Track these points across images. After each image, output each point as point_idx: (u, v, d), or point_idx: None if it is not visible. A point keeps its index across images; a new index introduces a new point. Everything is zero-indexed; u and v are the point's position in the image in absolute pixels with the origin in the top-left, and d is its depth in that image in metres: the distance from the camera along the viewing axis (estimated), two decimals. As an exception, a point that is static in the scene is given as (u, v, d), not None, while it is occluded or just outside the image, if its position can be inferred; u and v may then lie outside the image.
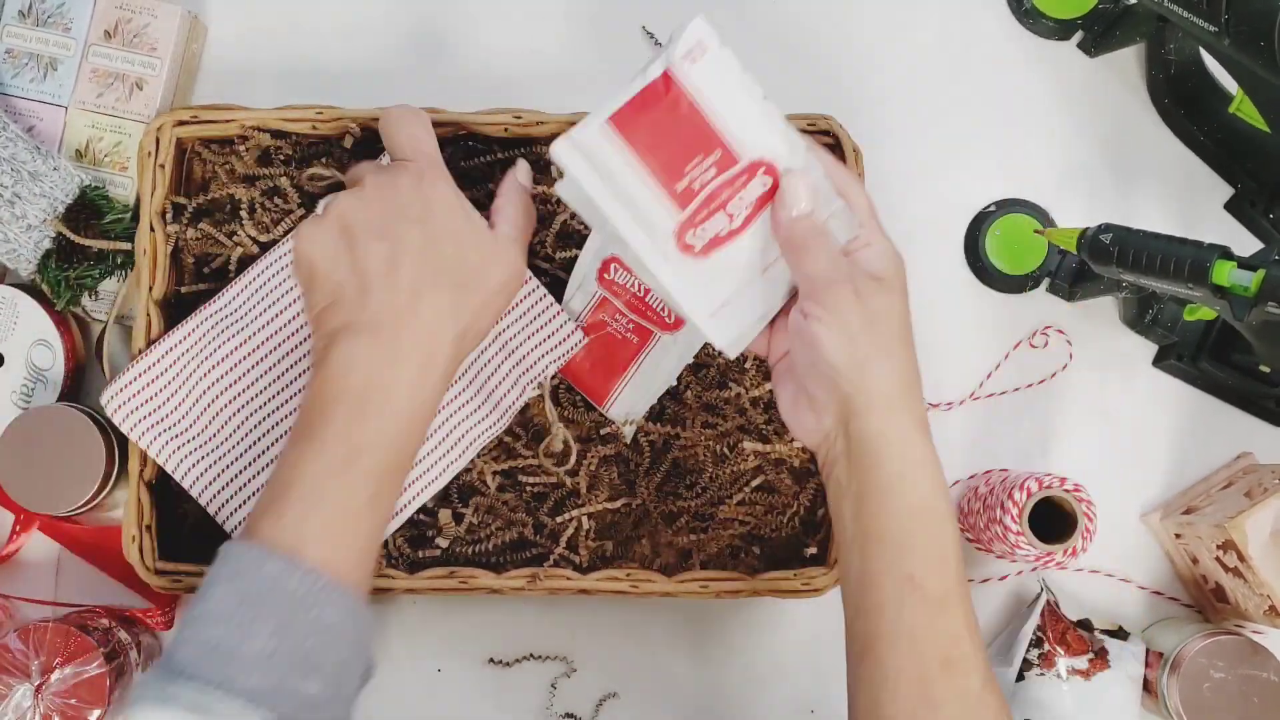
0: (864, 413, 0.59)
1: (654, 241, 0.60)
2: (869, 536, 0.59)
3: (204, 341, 0.72)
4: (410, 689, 0.82)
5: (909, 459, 0.59)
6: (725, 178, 0.60)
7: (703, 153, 0.59)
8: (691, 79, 0.58)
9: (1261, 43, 0.67)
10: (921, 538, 0.58)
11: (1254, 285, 0.66)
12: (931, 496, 0.59)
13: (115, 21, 0.80)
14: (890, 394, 0.59)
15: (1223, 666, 0.76)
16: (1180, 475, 0.85)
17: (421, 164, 0.65)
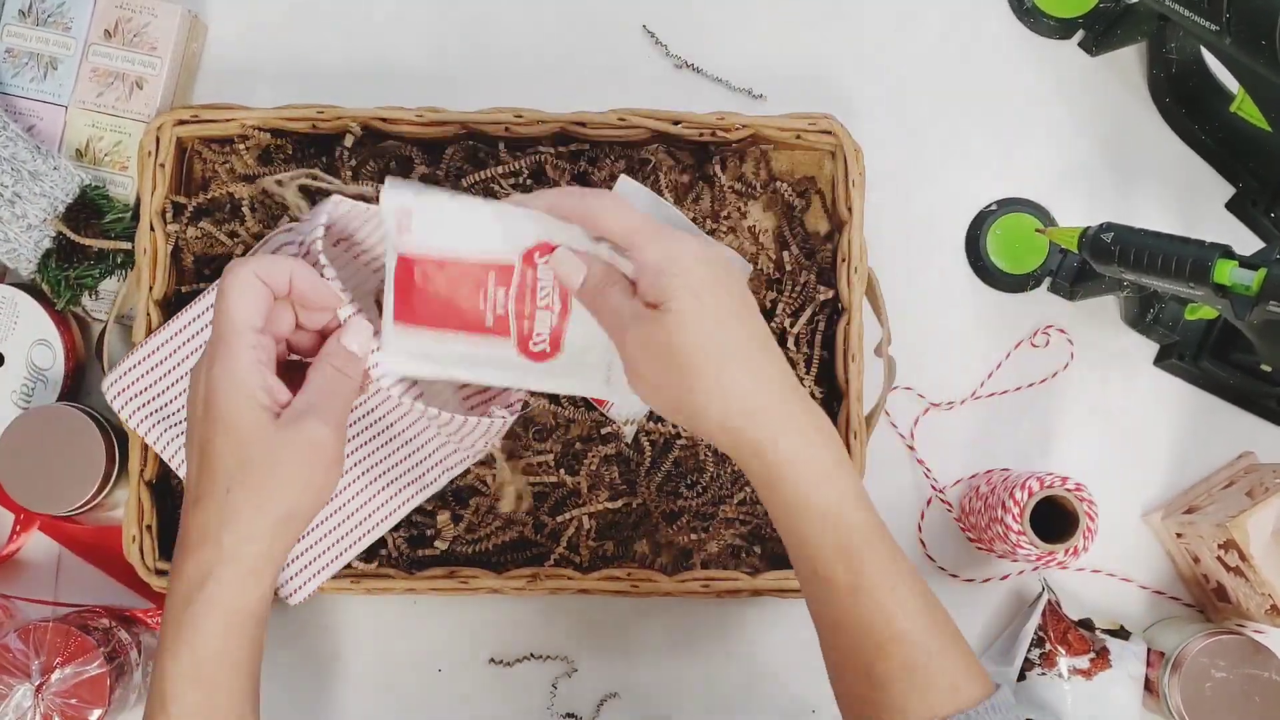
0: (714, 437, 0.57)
1: (512, 371, 0.60)
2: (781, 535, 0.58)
3: (205, 330, 0.72)
4: (411, 689, 0.82)
5: (771, 464, 0.55)
6: (515, 286, 0.59)
7: (481, 284, 0.58)
8: (418, 244, 0.57)
9: (1263, 41, 0.67)
10: (813, 533, 0.56)
11: (1255, 284, 0.66)
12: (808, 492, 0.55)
13: (115, 21, 0.80)
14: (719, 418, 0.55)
15: (1224, 666, 0.76)
16: (1182, 474, 0.85)
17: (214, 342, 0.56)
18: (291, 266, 0.57)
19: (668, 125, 0.77)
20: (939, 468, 0.85)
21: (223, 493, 0.55)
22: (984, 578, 0.84)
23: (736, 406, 0.55)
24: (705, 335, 0.55)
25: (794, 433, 0.56)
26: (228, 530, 0.55)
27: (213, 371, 0.55)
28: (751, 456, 0.56)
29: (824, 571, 0.56)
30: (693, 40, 0.86)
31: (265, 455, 0.55)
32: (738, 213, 0.80)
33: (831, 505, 0.55)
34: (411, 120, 0.76)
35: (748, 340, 0.56)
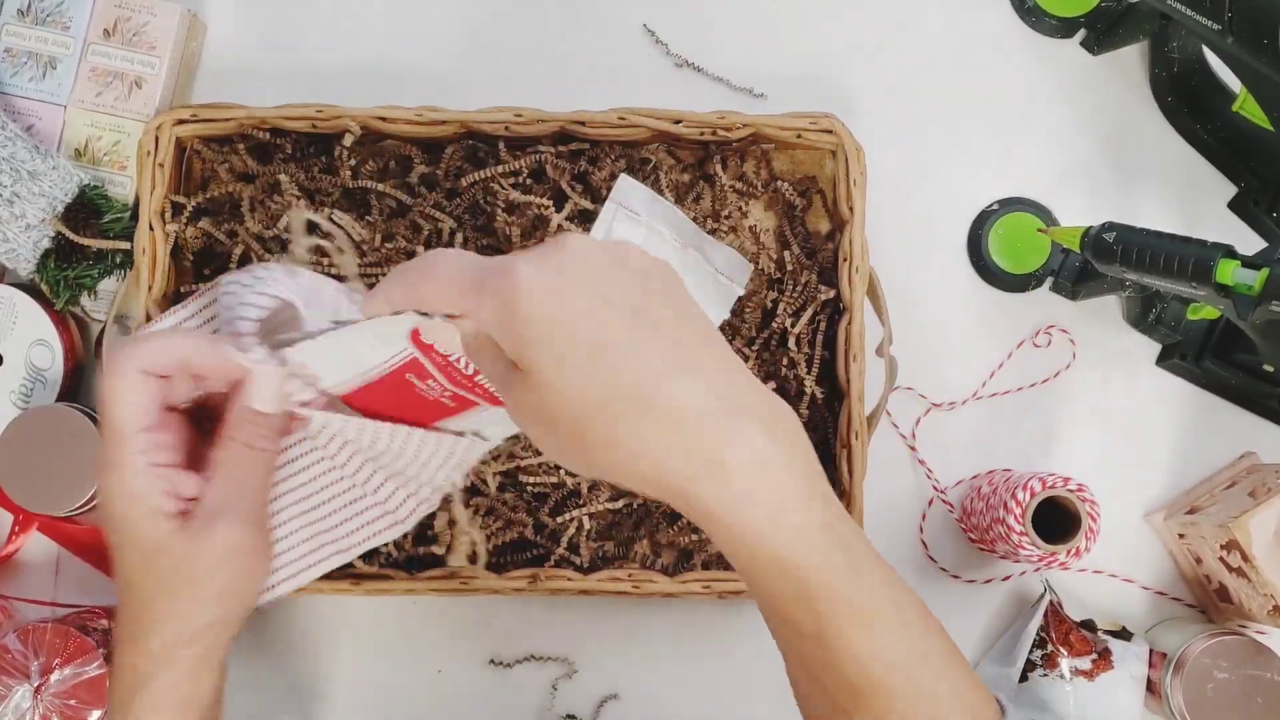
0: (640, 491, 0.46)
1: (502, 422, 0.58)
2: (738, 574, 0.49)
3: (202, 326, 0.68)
4: (411, 690, 0.82)
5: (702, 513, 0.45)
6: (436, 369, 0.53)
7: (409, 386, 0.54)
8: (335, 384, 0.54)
9: (1265, 40, 0.67)
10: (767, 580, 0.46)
11: (1258, 284, 0.66)
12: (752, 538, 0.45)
13: (114, 20, 0.80)
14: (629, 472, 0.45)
15: (1226, 667, 0.76)
16: (1184, 475, 0.85)
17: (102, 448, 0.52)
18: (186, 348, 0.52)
19: (668, 124, 0.77)
20: (940, 468, 0.84)
21: (143, 601, 0.53)
22: (985, 578, 0.84)
23: (643, 455, 0.44)
24: (577, 385, 0.43)
25: (724, 469, 0.44)
26: (156, 636, 0.53)
27: (105, 482, 0.52)
28: (684, 506, 0.45)
29: (786, 616, 0.48)
30: (693, 39, 0.86)
31: (178, 569, 0.52)
32: (738, 212, 0.80)
33: (783, 548, 0.45)
34: (411, 119, 0.76)
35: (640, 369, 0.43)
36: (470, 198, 0.78)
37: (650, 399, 0.43)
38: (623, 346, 0.43)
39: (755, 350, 0.79)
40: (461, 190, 0.78)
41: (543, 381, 0.43)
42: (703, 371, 0.44)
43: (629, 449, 0.44)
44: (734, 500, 0.44)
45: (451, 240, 0.77)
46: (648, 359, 0.44)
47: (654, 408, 0.43)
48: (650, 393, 0.43)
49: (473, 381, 0.52)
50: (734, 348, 0.78)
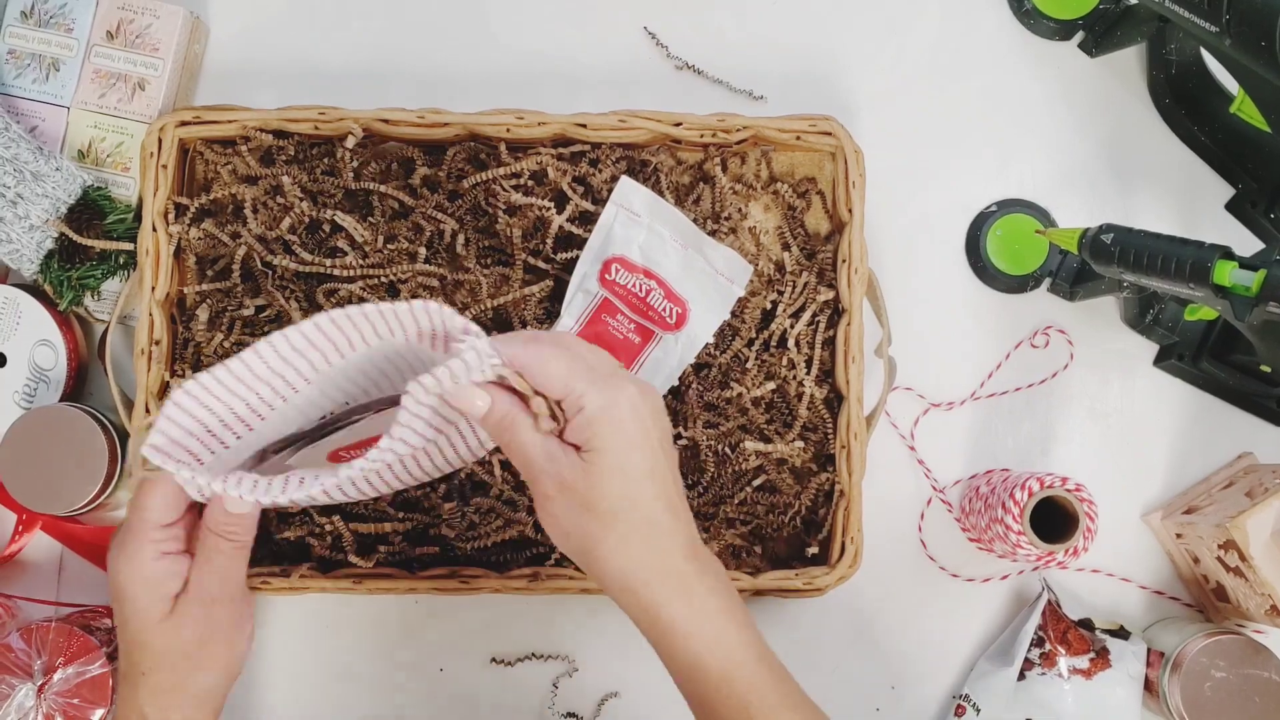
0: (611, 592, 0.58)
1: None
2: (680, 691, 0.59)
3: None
4: (412, 688, 0.82)
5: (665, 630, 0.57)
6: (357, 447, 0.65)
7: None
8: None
9: (1262, 43, 0.67)
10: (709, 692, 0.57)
11: (1255, 285, 0.66)
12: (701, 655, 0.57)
13: (117, 22, 0.81)
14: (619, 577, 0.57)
15: (1224, 666, 0.76)
16: (1181, 475, 0.85)
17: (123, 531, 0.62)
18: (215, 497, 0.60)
19: (669, 127, 0.77)
20: (939, 468, 0.85)
21: (140, 674, 0.61)
22: (984, 578, 0.84)
23: (636, 566, 0.56)
24: (621, 492, 0.56)
25: (688, 597, 0.57)
26: (151, 706, 0.61)
27: (122, 565, 0.61)
28: (644, 616, 0.57)
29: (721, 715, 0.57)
30: (693, 42, 0.86)
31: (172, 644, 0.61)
32: (738, 214, 0.81)
33: (726, 666, 0.57)
34: (413, 121, 0.76)
35: (659, 501, 0.57)
36: (472, 199, 0.78)
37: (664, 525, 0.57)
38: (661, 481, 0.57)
39: (755, 351, 0.79)
40: (463, 192, 0.78)
41: (601, 471, 0.55)
42: (689, 520, 0.59)
43: (629, 559, 0.56)
44: (690, 613, 0.57)
45: (453, 242, 0.77)
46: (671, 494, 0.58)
47: (664, 533, 0.57)
48: (666, 519, 0.57)
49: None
50: (734, 349, 0.79)
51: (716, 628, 0.57)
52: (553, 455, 0.57)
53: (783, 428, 0.79)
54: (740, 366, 0.79)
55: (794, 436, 0.78)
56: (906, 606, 0.84)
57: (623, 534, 0.56)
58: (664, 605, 0.56)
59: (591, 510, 0.56)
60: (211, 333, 0.77)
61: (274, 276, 0.77)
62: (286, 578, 0.74)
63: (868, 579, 0.80)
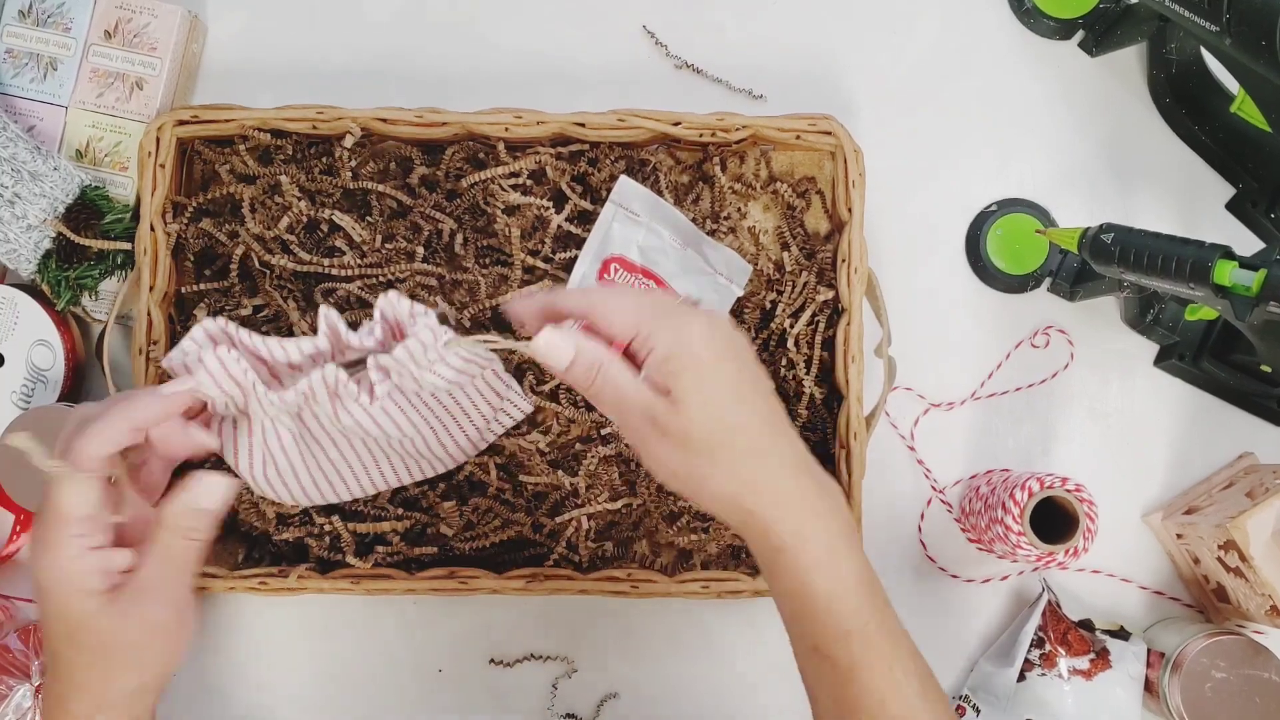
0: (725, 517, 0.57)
1: None
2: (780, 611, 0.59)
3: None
4: (411, 689, 0.82)
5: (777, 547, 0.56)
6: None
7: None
8: None
9: (1263, 42, 0.67)
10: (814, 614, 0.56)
11: (1255, 285, 0.66)
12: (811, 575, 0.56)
13: (115, 21, 0.80)
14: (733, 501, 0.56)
15: (1224, 666, 0.76)
16: (1182, 475, 0.85)
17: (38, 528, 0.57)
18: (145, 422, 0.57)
19: (668, 126, 0.77)
20: (939, 468, 0.85)
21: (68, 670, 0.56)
22: (984, 578, 0.84)
23: (748, 490, 0.56)
24: (715, 425, 0.55)
25: (800, 516, 0.56)
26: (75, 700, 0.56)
27: (40, 560, 0.56)
28: (759, 537, 0.56)
29: (823, 650, 0.56)
30: (693, 41, 0.86)
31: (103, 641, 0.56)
32: (738, 213, 0.80)
33: (834, 588, 0.56)
34: (411, 120, 0.76)
35: (752, 424, 0.56)
36: (470, 199, 0.78)
37: (767, 446, 0.56)
38: (753, 404, 0.56)
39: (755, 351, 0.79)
40: (461, 191, 0.78)
41: (690, 406, 0.55)
42: (795, 438, 0.58)
43: (740, 482, 0.55)
44: (803, 539, 0.55)
45: (452, 241, 0.77)
46: (769, 417, 0.57)
47: (771, 451, 0.56)
48: (769, 438, 0.56)
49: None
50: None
51: (829, 550, 0.56)
52: (644, 399, 0.56)
53: (782, 428, 0.79)
54: (739, 366, 0.79)
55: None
56: (906, 606, 0.82)
57: (728, 464, 0.55)
58: (774, 524, 0.55)
59: (691, 448, 0.55)
60: (209, 332, 0.77)
61: (272, 276, 0.77)
62: (285, 579, 0.74)
63: (867, 579, 0.80)
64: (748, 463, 0.56)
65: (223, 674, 0.82)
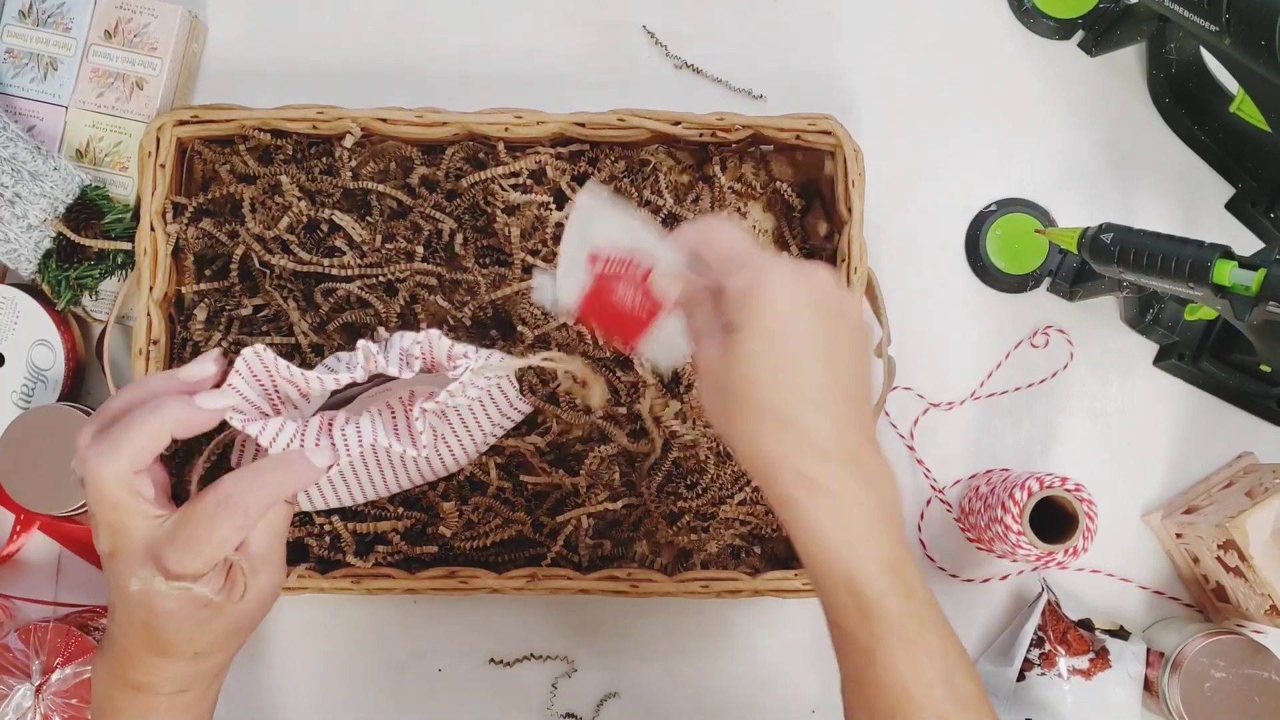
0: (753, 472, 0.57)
1: None
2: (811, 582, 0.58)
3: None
4: (411, 689, 0.82)
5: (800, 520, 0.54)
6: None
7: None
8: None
9: (1262, 42, 0.67)
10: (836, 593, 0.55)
11: (1255, 285, 0.66)
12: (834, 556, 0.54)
13: (115, 21, 0.80)
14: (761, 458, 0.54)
15: (1224, 666, 0.76)
16: (1181, 475, 0.85)
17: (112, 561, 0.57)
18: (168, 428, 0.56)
19: (667, 126, 0.77)
20: (938, 468, 0.85)
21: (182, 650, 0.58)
22: (983, 578, 0.84)
23: (758, 455, 0.54)
24: (766, 373, 0.53)
25: (831, 493, 0.54)
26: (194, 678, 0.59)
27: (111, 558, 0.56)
28: (783, 506, 0.54)
29: (845, 628, 0.55)
30: (692, 41, 0.86)
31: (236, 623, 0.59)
32: (737, 213, 0.80)
33: (857, 571, 0.54)
34: (411, 120, 0.76)
35: (798, 392, 0.53)
36: (470, 199, 0.78)
37: (795, 417, 0.53)
38: (807, 370, 0.54)
39: (754, 350, 0.79)
40: (461, 191, 0.78)
41: (736, 354, 0.53)
42: (841, 419, 0.54)
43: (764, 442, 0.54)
44: (819, 517, 0.54)
45: (451, 241, 0.77)
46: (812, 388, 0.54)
47: (820, 419, 0.54)
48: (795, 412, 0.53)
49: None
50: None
51: (846, 535, 0.53)
52: (710, 337, 0.55)
53: (782, 427, 0.79)
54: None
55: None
56: (906, 606, 0.84)
57: (750, 421, 0.53)
58: (792, 500, 0.54)
59: (725, 392, 0.54)
60: (209, 332, 0.77)
61: (272, 276, 0.77)
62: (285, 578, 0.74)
63: (867, 579, 0.80)
64: (772, 430, 0.53)
65: (223, 673, 0.82)
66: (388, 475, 0.72)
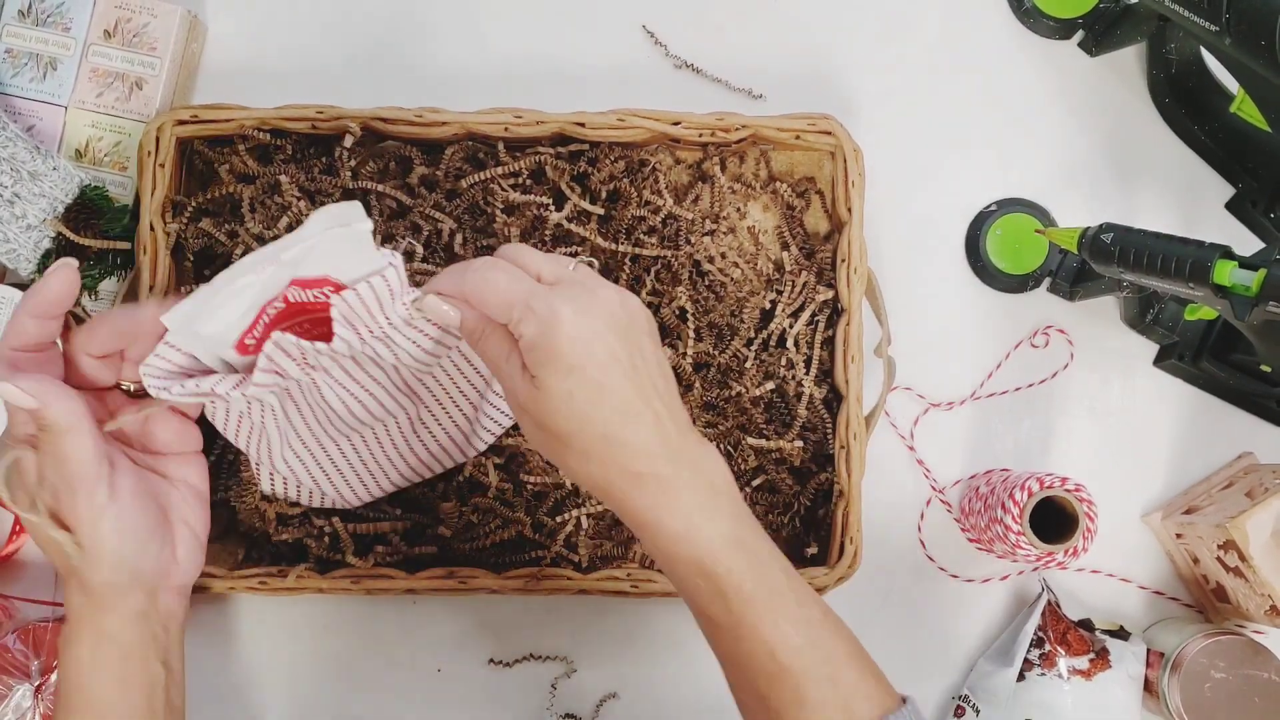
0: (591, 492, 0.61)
1: None
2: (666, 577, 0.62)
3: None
4: (410, 689, 0.82)
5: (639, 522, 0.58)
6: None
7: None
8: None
9: (1262, 42, 0.67)
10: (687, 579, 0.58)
11: (1255, 285, 0.66)
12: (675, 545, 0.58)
13: (115, 21, 0.80)
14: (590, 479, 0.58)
15: (1224, 667, 0.76)
16: (1181, 475, 0.85)
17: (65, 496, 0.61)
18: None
19: (667, 126, 0.77)
20: (939, 468, 0.85)
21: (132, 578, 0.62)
22: (983, 578, 0.84)
23: (599, 472, 0.58)
24: (569, 415, 0.56)
25: (654, 495, 0.57)
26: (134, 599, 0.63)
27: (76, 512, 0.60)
28: (624, 508, 0.58)
29: (707, 612, 0.58)
30: (692, 40, 0.86)
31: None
32: (737, 213, 0.80)
33: (703, 554, 0.57)
34: (411, 120, 0.76)
35: (616, 410, 0.57)
36: (470, 199, 0.78)
37: (618, 435, 0.57)
38: (617, 390, 0.57)
39: (754, 351, 0.79)
40: (461, 191, 0.78)
41: (548, 397, 0.56)
42: (659, 418, 0.58)
43: (594, 463, 0.57)
44: (657, 510, 0.57)
45: (451, 241, 0.77)
46: (627, 404, 0.57)
47: (619, 441, 0.57)
48: (618, 431, 0.57)
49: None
50: (732, 349, 0.78)
51: (688, 519, 0.57)
52: (512, 375, 0.58)
53: (782, 428, 0.79)
54: (739, 366, 0.79)
55: (793, 436, 0.78)
56: (906, 606, 0.84)
57: (580, 451, 0.57)
58: (631, 502, 0.58)
59: (546, 430, 0.58)
60: (209, 332, 0.77)
61: (272, 276, 0.77)
62: (284, 579, 0.74)
63: (867, 579, 0.80)
64: (600, 452, 0.57)
65: (222, 674, 0.82)
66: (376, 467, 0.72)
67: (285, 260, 0.59)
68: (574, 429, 0.57)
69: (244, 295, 0.60)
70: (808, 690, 0.56)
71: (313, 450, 0.72)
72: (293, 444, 0.71)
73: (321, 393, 0.67)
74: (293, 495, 0.75)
